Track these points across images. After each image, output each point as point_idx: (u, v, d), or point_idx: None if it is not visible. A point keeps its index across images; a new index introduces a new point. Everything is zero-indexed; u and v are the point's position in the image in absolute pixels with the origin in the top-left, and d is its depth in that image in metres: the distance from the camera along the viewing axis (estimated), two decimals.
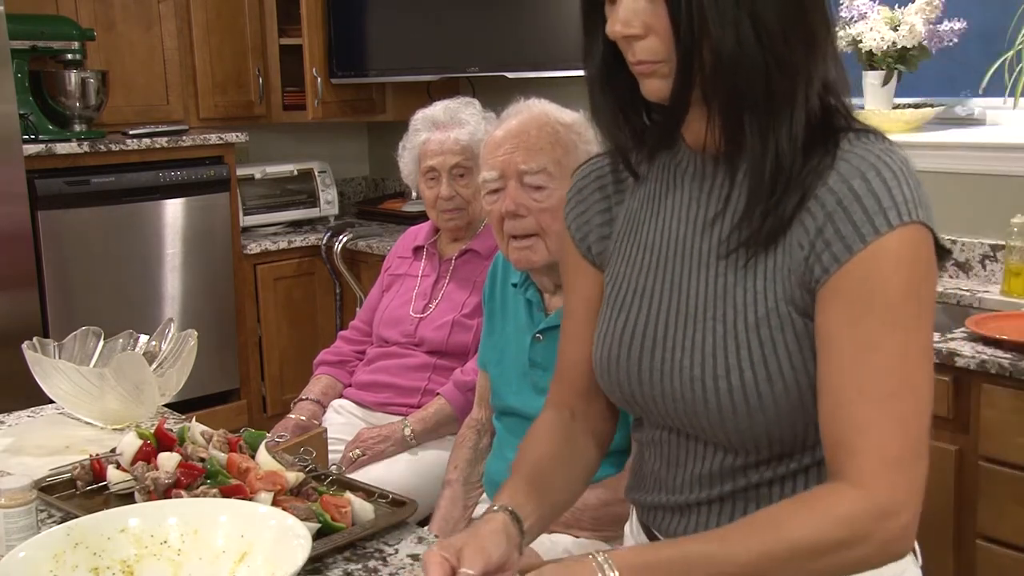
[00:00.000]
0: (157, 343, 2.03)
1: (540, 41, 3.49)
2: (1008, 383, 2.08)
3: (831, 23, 1.08)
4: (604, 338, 1.20)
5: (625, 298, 1.18)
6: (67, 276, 3.36)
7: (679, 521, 1.19)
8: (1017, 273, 2.55)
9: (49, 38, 3.39)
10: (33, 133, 3.33)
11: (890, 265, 0.99)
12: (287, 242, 3.91)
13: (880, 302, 0.99)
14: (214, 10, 3.88)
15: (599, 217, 1.25)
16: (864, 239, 0.99)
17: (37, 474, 1.55)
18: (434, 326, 2.44)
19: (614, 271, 1.21)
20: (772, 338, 1.05)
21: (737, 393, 1.06)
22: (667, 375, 1.12)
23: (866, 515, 0.97)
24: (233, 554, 1.24)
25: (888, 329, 0.99)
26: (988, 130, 2.86)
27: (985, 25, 2.87)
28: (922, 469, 1.00)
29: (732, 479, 1.14)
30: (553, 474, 1.23)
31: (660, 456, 1.21)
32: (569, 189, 1.30)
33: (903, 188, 1.00)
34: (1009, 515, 2.11)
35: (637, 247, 1.19)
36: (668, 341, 1.13)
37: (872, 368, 0.99)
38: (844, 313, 1.00)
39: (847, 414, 1.00)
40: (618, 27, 1.06)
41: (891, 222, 0.99)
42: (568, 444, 1.27)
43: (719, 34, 1.00)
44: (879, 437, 0.98)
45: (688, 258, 1.13)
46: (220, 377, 3.75)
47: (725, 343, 1.07)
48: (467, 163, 2.44)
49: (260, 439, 1.57)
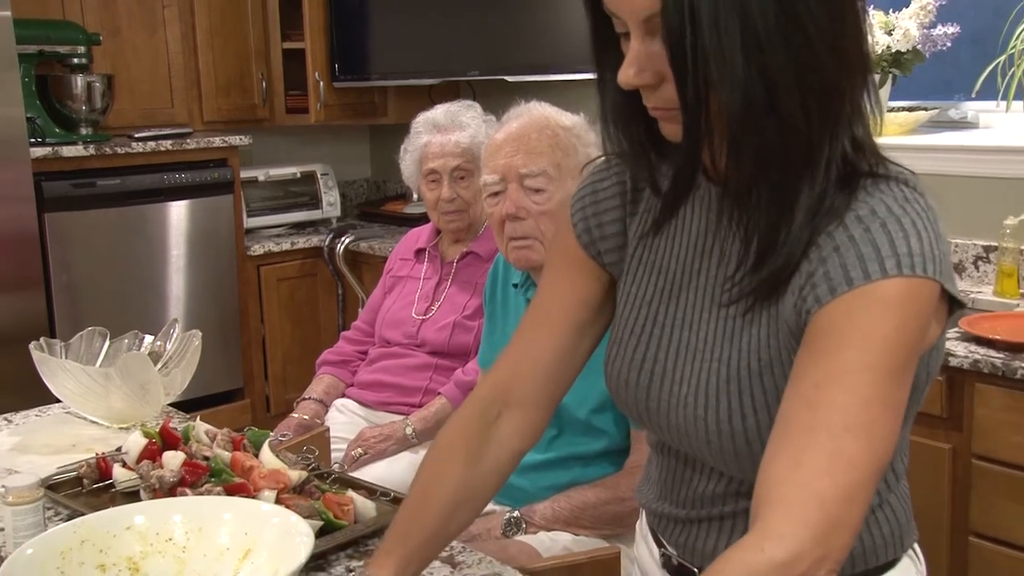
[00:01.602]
0: (162, 343, 2.03)
1: (540, 45, 3.49)
2: (1001, 382, 2.08)
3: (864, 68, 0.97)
4: (615, 360, 1.15)
5: (637, 322, 1.13)
6: (73, 277, 3.36)
7: (682, 532, 1.17)
8: (1009, 274, 2.55)
9: (56, 43, 3.39)
10: (40, 136, 3.33)
11: (878, 310, 0.91)
12: (290, 243, 3.91)
13: (858, 341, 0.91)
14: (218, 15, 3.88)
15: (614, 226, 1.17)
16: (851, 282, 0.91)
17: (44, 472, 1.55)
18: (436, 327, 2.44)
19: (627, 291, 1.16)
20: (776, 386, 1.00)
21: (739, 437, 1.02)
22: (673, 408, 1.08)
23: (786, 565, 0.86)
24: (237, 551, 1.24)
25: (859, 369, 0.90)
26: (981, 133, 2.86)
27: (978, 29, 2.88)
28: (849, 519, 0.89)
29: (735, 501, 1.11)
30: (451, 516, 1.17)
31: (667, 468, 1.19)
32: (582, 183, 1.21)
33: (910, 240, 0.92)
34: (1001, 512, 2.12)
35: (650, 269, 1.14)
36: (676, 374, 1.08)
37: (829, 401, 0.90)
38: (819, 346, 0.93)
39: (787, 441, 0.91)
40: (629, 76, 0.97)
41: (887, 271, 0.91)
42: (476, 464, 1.18)
43: (726, 93, 0.91)
44: (810, 470, 0.88)
45: (698, 291, 1.08)
46: (224, 377, 3.75)
47: (728, 387, 1.03)
48: (468, 165, 2.44)
49: (263, 438, 1.57)
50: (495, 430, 1.19)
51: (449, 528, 1.19)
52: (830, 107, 0.94)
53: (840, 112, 0.95)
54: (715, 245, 1.07)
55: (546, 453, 1.80)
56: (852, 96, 0.96)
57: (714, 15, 0.89)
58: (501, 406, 1.20)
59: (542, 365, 1.19)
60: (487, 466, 1.19)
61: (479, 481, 1.19)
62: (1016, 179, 2.63)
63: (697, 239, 1.09)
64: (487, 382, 1.23)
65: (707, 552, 1.14)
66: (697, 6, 0.89)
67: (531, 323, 1.22)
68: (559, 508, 1.76)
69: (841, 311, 0.92)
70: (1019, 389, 2.07)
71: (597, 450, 1.77)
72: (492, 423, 1.19)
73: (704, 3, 0.89)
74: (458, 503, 1.18)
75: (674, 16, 0.90)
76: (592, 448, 1.77)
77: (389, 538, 1.17)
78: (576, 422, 1.77)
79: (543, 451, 1.80)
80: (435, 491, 1.18)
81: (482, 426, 1.19)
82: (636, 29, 0.95)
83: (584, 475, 1.78)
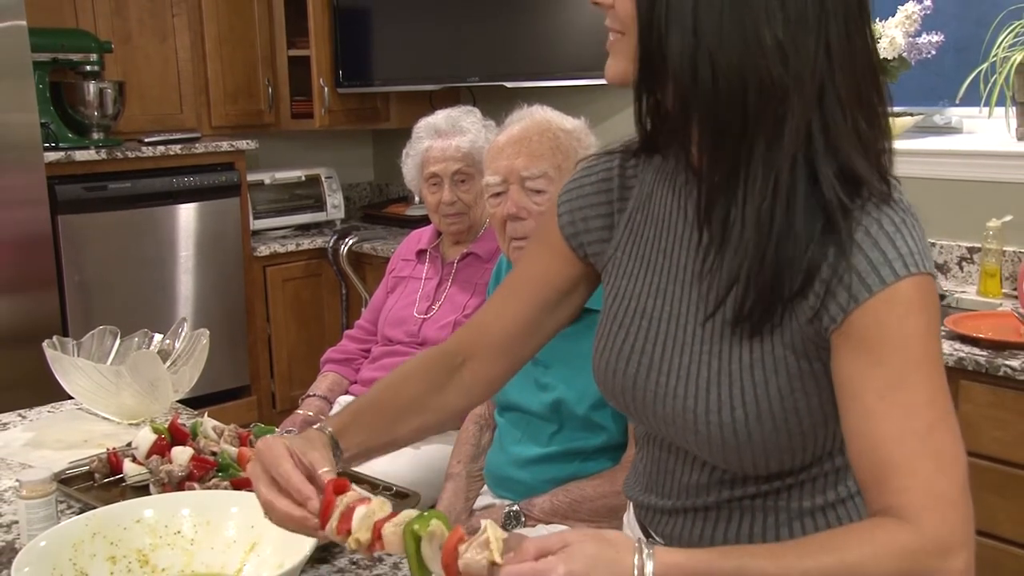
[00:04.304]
0: (171, 342, 2.03)
1: (538, 52, 3.49)
2: (984, 379, 2.08)
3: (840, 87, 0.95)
4: (603, 351, 1.15)
5: (625, 315, 1.13)
6: (85, 278, 3.35)
7: (668, 522, 1.17)
8: (992, 274, 2.55)
9: (69, 51, 3.39)
10: (54, 141, 3.32)
11: (903, 309, 0.94)
12: (295, 245, 3.90)
13: (899, 344, 0.94)
14: (226, 23, 3.87)
15: (599, 220, 1.18)
16: (870, 289, 0.94)
17: (57, 467, 1.55)
18: (437, 326, 2.43)
19: (615, 284, 1.16)
20: (765, 379, 1.01)
21: (727, 428, 1.03)
22: (660, 399, 1.08)
23: (924, 552, 0.89)
24: (243, 544, 1.24)
25: (912, 368, 0.93)
26: (965, 138, 2.86)
27: (961, 38, 2.88)
28: (970, 509, 0.93)
29: (718, 491, 1.11)
30: (402, 417, 1.21)
31: (653, 460, 1.19)
32: (572, 177, 1.22)
33: (907, 241, 0.95)
34: (985, 505, 2.11)
35: (639, 263, 1.14)
36: (664, 365, 1.08)
37: (902, 407, 0.93)
38: (864, 357, 0.94)
39: (885, 454, 0.93)
40: None
41: (898, 273, 0.94)
42: (437, 392, 1.23)
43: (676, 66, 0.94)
44: (924, 474, 0.91)
45: (688, 287, 1.08)
46: (231, 374, 3.74)
47: (719, 379, 1.03)
48: (468, 169, 2.44)
49: (269, 434, 1.56)
50: (456, 375, 1.24)
51: (396, 428, 1.21)
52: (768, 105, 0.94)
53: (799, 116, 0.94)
54: (700, 243, 1.07)
55: (546, 448, 1.80)
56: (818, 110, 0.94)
57: None
58: (465, 356, 1.24)
59: (506, 330, 1.23)
60: (442, 401, 1.23)
61: (433, 405, 1.23)
62: (998, 182, 2.63)
63: (685, 238, 1.09)
64: (456, 336, 1.27)
65: (693, 541, 1.14)
66: None
67: (503, 292, 1.26)
68: (558, 502, 1.76)
69: (871, 319, 0.94)
70: (1002, 386, 2.07)
71: (596, 445, 1.77)
72: (455, 369, 1.24)
73: None
74: (409, 411, 1.21)
75: None
76: (591, 443, 1.77)
77: (344, 411, 1.19)
78: (576, 418, 1.76)
79: (544, 445, 1.80)
80: (391, 396, 1.21)
81: (445, 366, 1.24)
82: None
83: (583, 469, 1.78)
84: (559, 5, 3.45)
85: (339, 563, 1.31)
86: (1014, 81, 2.59)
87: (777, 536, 1.10)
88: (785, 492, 1.09)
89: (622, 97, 3.46)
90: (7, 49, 2.96)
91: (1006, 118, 2.67)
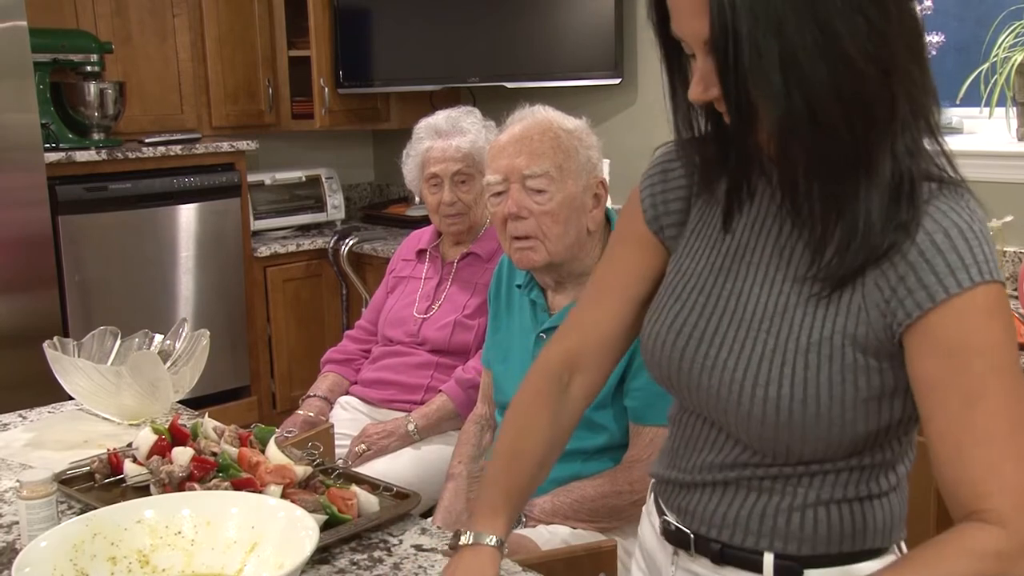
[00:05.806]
0: (171, 342, 2.03)
1: (537, 53, 3.49)
2: None
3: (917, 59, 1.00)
4: (655, 322, 1.17)
5: (684, 290, 1.16)
6: (86, 278, 3.35)
7: (682, 495, 1.19)
8: None
9: (70, 51, 3.39)
10: (54, 141, 3.32)
11: (982, 315, 0.97)
12: (295, 245, 3.90)
13: (980, 350, 0.97)
14: (226, 24, 3.87)
15: (679, 203, 1.20)
16: (947, 290, 0.97)
17: (57, 467, 1.55)
18: (437, 326, 2.43)
19: (679, 263, 1.19)
20: (818, 365, 1.03)
21: (771, 404, 1.05)
22: (707, 370, 1.10)
23: (1016, 552, 0.93)
24: (244, 544, 1.23)
25: (994, 374, 0.97)
26: (965, 138, 2.86)
27: (962, 39, 2.88)
28: None
29: (739, 469, 1.13)
30: (543, 469, 1.27)
31: (682, 436, 1.20)
32: (652, 163, 1.25)
33: (983, 248, 0.99)
34: None
35: (707, 246, 1.16)
36: (717, 339, 1.11)
37: (985, 412, 0.96)
38: (946, 363, 0.98)
39: (971, 457, 0.97)
40: (698, 93, 1.02)
41: (973, 279, 0.97)
42: (557, 423, 1.28)
43: (767, 108, 0.97)
44: (1013, 476, 0.95)
45: (755, 269, 1.11)
46: (231, 375, 3.74)
47: (773, 356, 1.06)
48: (468, 170, 2.44)
49: (270, 434, 1.56)
50: (568, 392, 1.28)
51: (539, 479, 1.29)
52: (875, 115, 0.97)
53: (889, 117, 0.98)
54: (773, 226, 1.10)
55: None
56: (909, 92, 0.99)
57: (754, 37, 0.94)
58: (572, 371, 1.28)
59: (607, 335, 1.26)
60: (564, 423, 1.29)
61: (560, 436, 1.29)
62: (999, 183, 2.63)
63: (759, 224, 1.12)
64: (556, 349, 1.30)
65: (704, 515, 1.16)
66: (739, 28, 0.94)
67: (594, 297, 1.29)
68: (558, 502, 1.75)
69: (952, 323, 0.98)
70: None
71: (597, 446, 1.77)
72: (566, 387, 1.28)
73: (745, 26, 0.94)
74: (545, 456, 1.28)
75: (720, 39, 0.95)
76: (592, 444, 1.77)
77: (492, 495, 1.26)
78: None
79: None
80: (526, 447, 1.28)
81: (558, 389, 1.28)
82: (699, 50, 1.00)
83: (584, 470, 1.78)
84: (559, 5, 3.45)
85: (339, 563, 1.31)
86: (1014, 81, 2.59)
87: (788, 519, 1.11)
88: (807, 479, 1.10)
89: (623, 97, 3.46)
90: (7, 49, 2.95)
91: (1006, 118, 2.67)
